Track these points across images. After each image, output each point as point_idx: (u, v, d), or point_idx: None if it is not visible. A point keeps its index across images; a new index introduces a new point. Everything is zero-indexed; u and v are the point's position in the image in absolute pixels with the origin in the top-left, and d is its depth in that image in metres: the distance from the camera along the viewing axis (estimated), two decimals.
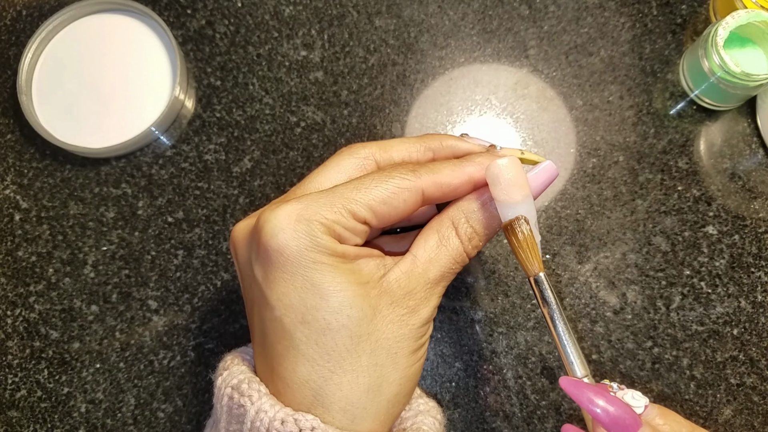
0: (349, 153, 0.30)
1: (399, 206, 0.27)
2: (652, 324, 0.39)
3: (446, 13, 0.44)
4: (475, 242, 0.29)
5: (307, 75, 0.43)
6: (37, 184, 0.42)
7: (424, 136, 0.32)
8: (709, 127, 0.41)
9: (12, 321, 0.41)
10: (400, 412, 0.29)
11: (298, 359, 0.26)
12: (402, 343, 0.27)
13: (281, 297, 0.26)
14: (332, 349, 0.26)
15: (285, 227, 0.26)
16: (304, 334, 0.26)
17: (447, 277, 0.29)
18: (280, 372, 0.27)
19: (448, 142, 0.31)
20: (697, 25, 0.43)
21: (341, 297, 0.26)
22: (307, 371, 0.26)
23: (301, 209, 0.26)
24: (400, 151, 0.31)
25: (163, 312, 0.40)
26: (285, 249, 0.26)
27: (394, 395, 0.27)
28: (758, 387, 0.38)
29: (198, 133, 0.43)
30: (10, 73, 0.44)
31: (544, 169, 0.30)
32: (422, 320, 0.28)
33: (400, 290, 0.27)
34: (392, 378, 0.27)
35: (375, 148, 0.31)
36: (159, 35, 0.44)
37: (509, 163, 0.27)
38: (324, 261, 0.26)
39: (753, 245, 0.40)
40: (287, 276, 0.26)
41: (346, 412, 0.26)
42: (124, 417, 0.39)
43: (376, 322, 0.27)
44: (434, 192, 0.28)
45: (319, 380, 0.26)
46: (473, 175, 0.29)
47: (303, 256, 0.26)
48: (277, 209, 0.26)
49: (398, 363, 0.27)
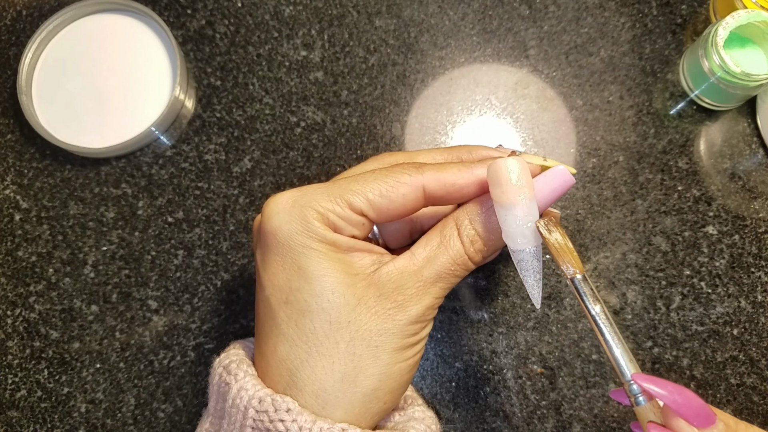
0: (374, 159, 0.31)
1: (397, 200, 0.27)
2: (652, 324, 0.39)
3: (446, 13, 0.44)
4: (478, 245, 0.28)
5: (307, 75, 0.43)
6: (37, 184, 0.42)
7: (454, 147, 0.31)
8: (709, 127, 0.41)
9: (12, 321, 0.41)
10: (381, 410, 0.28)
11: (279, 338, 0.27)
12: (384, 337, 0.27)
13: (271, 277, 0.27)
14: (310, 331, 0.26)
15: (280, 211, 0.27)
16: (285, 313, 0.27)
17: (445, 278, 0.28)
18: (264, 351, 0.28)
19: (479, 152, 0.31)
20: (697, 25, 0.43)
21: (324, 282, 0.26)
22: (285, 351, 0.27)
23: (299, 196, 0.27)
24: (427, 159, 0.30)
25: (163, 312, 0.40)
26: (278, 231, 0.27)
27: (371, 390, 0.27)
28: (758, 387, 0.38)
29: (198, 133, 0.43)
30: (10, 73, 0.44)
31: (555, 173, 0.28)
32: (410, 317, 0.27)
33: (390, 284, 0.27)
34: (371, 371, 0.27)
35: (402, 157, 0.31)
36: (159, 35, 0.44)
37: (511, 163, 0.26)
38: (313, 246, 0.27)
39: (753, 245, 0.40)
40: (278, 258, 0.27)
41: (318, 397, 0.26)
42: (124, 417, 0.39)
43: (358, 311, 0.27)
44: (437, 190, 0.28)
45: (295, 361, 0.26)
46: (481, 176, 0.28)
47: (293, 239, 0.27)
48: (277, 195, 0.28)
49: (379, 357, 0.27)
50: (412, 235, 0.33)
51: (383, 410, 0.28)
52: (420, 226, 0.33)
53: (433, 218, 0.32)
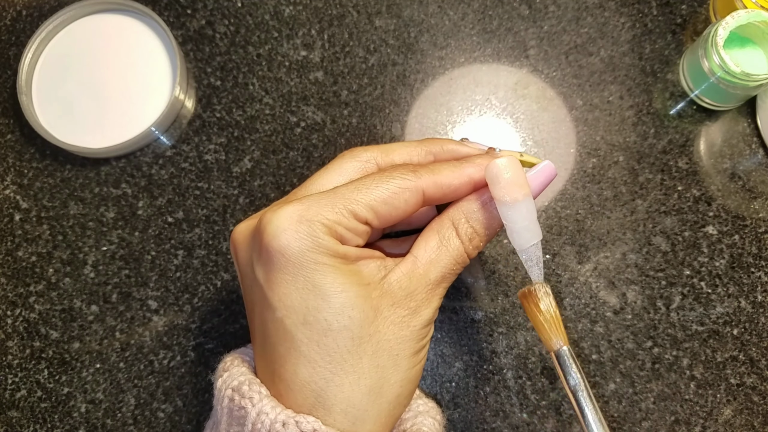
0: (350, 156, 0.31)
1: (400, 206, 0.27)
2: (652, 324, 0.39)
3: (446, 13, 0.44)
4: (476, 242, 0.29)
5: (307, 75, 0.43)
6: (37, 184, 0.42)
7: (425, 140, 0.32)
8: (709, 127, 0.41)
9: (12, 321, 0.41)
10: (401, 413, 0.29)
11: (299, 361, 0.26)
12: (403, 344, 0.27)
13: (283, 298, 0.26)
14: (333, 350, 0.26)
15: (287, 228, 0.26)
16: (305, 335, 0.26)
17: (448, 278, 0.29)
18: (281, 374, 0.27)
19: (449, 146, 0.31)
20: (697, 25, 0.43)
21: (343, 298, 0.26)
22: (308, 373, 0.26)
23: (303, 210, 0.26)
24: (402, 154, 0.31)
25: (163, 312, 0.40)
26: (287, 250, 0.26)
27: (395, 397, 0.27)
28: (758, 387, 0.38)
29: (198, 133, 0.43)
30: (10, 73, 0.44)
31: (543, 168, 0.30)
32: (423, 321, 0.28)
33: (402, 291, 0.27)
34: (394, 380, 0.27)
35: (377, 152, 0.31)
36: (159, 35, 0.44)
37: (508, 162, 0.27)
38: (326, 262, 0.26)
39: (753, 245, 0.40)
40: (289, 277, 0.26)
41: (348, 414, 0.26)
42: (124, 417, 0.39)
43: (377, 323, 0.26)
44: (435, 192, 0.28)
45: (320, 382, 0.26)
46: (473, 176, 0.29)
47: (305, 257, 0.26)
48: (279, 210, 0.26)
49: (400, 364, 0.27)
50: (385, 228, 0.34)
51: (402, 412, 0.29)
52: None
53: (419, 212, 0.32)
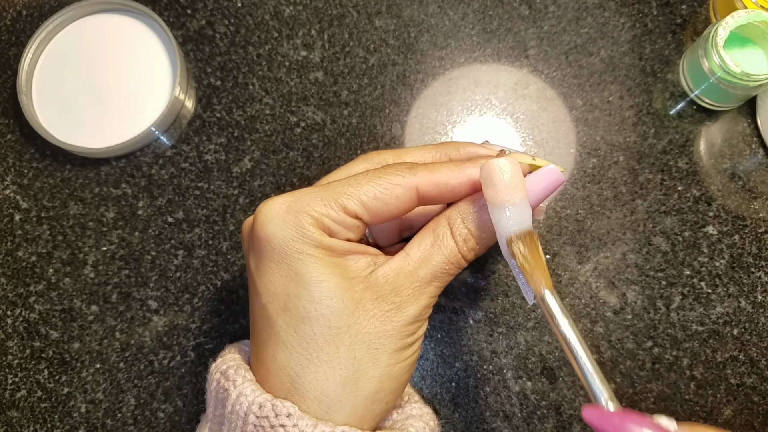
0: (363, 158, 0.31)
1: (391, 202, 0.27)
2: (652, 324, 0.39)
3: (446, 13, 0.44)
4: (471, 244, 0.28)
5: (307, 75, 0.43)
6: (37, 184, 0.42)
7: (442, 144, 0.32)
8: (709, 127, 0.41)
9: (12, 321, 0.41)
10: (383, 410, 0.28)
11: (278, 346, 0.27)
12: (384, 339, 0.27)
13: (267, 285, 0.27)
14: (310, 337, 0.26)
15: (274, 218, 0.27)
16: (284, 321, 0.27)
17: (440, 277, 0.28)
18: (263, 359, 0.27)
19: (467, 148, 0.31)
20: (697, 25, 0.43)
21: (322, 287, 0.26)
22: (285, 358, 0.27)
23: (292, 201, 0.27)
24: (415, 157, 0.31)
25: (163, 312, 0.40)
26: (272, 238, 0.27)
27: (373, 392, 0.27)
28: (758, 387, 0.38)
29: (198, 133, 0.43)
30: (10, 73, 0.44)
31: (546, 173, 0.28)
32: (408, 318, 0.27)
33: (387, 286, 0.27)
34: (371, 374, 0.27)
35: (390, 155, 0.31)
36: (159, 35, 0.44)
37: (504, 163, 0.26)
38: (309, 252, 0.26)
39: (753, 245, 0.40)
40: (274, 265, 0.27)
41: (321, 402, 0.26)
42: (124, 417, 0.39)
43: (357, 315, 0.27)
44: (431, 191, 0.28)
45: (296, 367, 0.26)
46: (473, 176, 0.28)
47: (289, 246, 0.26)
48: (270, 201, 0.27)
49: (379, 359, 0.27)
50: (401, 233, 0.33)
51: (385, 410, 0.28)
52: (409, 224, 0.33)
53: (422, 216, 0.32)
